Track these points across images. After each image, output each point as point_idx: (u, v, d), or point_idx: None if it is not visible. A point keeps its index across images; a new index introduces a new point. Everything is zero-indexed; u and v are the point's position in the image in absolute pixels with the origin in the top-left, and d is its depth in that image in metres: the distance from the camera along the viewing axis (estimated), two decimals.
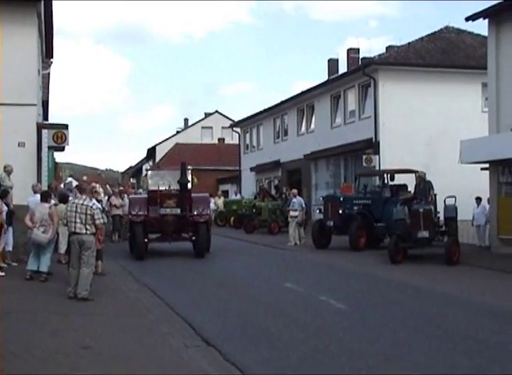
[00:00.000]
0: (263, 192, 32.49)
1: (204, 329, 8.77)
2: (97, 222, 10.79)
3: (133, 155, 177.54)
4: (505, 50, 19.69)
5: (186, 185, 18.43)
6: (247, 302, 11.08)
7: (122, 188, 29.01)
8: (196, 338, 8.33)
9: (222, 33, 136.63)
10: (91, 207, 10.82)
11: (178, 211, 18.13)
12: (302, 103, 35.28)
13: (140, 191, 38.92)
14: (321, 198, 24.91)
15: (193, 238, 18.27)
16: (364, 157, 26.80)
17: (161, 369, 6.80)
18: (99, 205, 13.75)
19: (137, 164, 77.85)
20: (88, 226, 10.71)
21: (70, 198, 12.87)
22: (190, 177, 19.18)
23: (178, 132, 66.46)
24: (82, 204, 10.81)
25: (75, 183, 27.96)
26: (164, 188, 18.76)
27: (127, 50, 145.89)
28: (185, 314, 9.79)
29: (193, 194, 18.91)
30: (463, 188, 21.64)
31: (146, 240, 18.22)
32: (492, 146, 18.87)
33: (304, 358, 7.37)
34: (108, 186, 30.68)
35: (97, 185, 22.73)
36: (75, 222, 10.69)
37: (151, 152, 64.15)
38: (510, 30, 19.44)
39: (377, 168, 26.31)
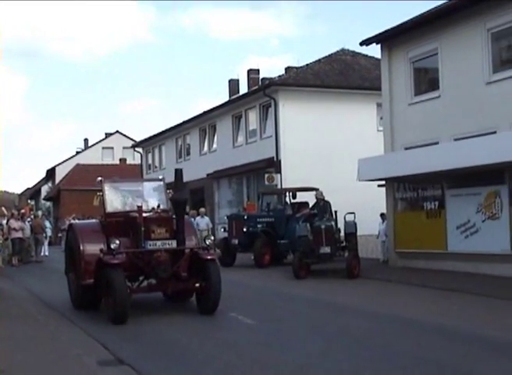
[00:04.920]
0: None
1: (117, 349, 8.90)
2: None
3: (31, 176, 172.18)
4: (397, 72, 20.78)
5: (185, 204, 12.54)
6: (159, 321, 11.22)
7: (23, 211, 28.42)
8: (110, 358, 8.46)
9: (123, 52, 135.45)
10: None
11: (173, 244, 11.73)
12: (204, 123, 35.69)
13: (39, 213, 38.07)
14: (225, 217, 25.31)
15: (198, 285, 11.69)
16: (266, 176, 27.42)
17: None
18: None
19: (35, 185, 76.01)
20: None
21: None
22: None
23: (78, 152, 65.51)
24: None
25: None
26: (144, 208, 12.23)
27: (24, 67, 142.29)
28: (97, 336, 9.87)
29: None
30: (363, 204, 22.63)
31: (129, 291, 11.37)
32: (388, 164, 19.79)
33: (218, 373, 7.64)
34: (3, 208, 29.97)
35: None
36: None
37: (51, 173, 62.89)
38: (402, 53, 20.54)
39: (279, 186, 26.98)
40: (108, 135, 64.97)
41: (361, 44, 21.48)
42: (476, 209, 17.37)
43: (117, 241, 11.12)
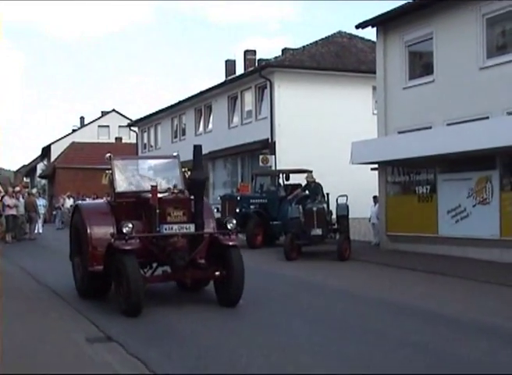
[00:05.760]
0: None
1: (106, 326, 9.03)
2: None
3: (26, 154, 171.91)
4: (392, 56, 20.80)
5: (204, 184, 11.27)
6: (148, 301, 11.34)
7: (18, 188, 28.47)
8: (99, 334, 8.59)
9: (121, 33, 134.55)
10: None
11: (191, 228, 10.62)
12: (200, 103, 35.67)
13: (33, 190, 38.10)
14: (218, 198, 25.40)
15: (219, 274, 10.58)
16: (261, 157, 27.49)
17: (66, 365, 7.04)
18: None
19: (31, 163, 75.98)
20: None
21: None
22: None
23: (74, 130, 65.36)
24: None
25: None
26: (159, 188, 10.95)
27: (23, 45, 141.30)
28: (87, 313, 10.00)
29: None
30: (357, 187, 22.75)
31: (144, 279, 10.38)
32: (381, 148, 19.89)
33: (205, 351, 7.77)
34: None
35: None
36: None
37: (46, 151, 62.85)
38: (397, 37, 20.56)
39: (273, 168, 27.07)
40: (104, 114, 64.85)
41: (357, 27, 21.48)
42: (467, 194, 17.52)
43: (130, 225, 9.99)
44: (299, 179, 22.15)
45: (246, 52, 38.49)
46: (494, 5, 17.25)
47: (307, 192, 19.73)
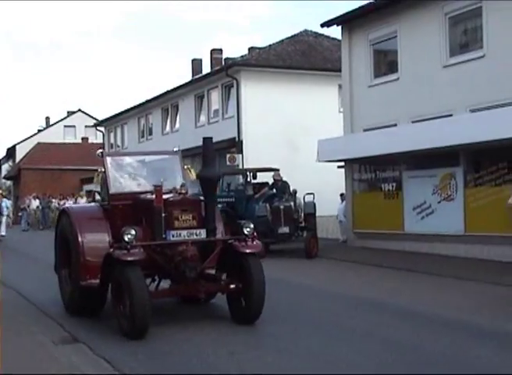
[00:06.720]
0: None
1: (72, 326, 8.98)
2: None
3: None
4: (357, 54, 20.97)
5: (215, 182, 9.91)
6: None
7: None
8: (65, 336, 8.54)
9: (87, 32, 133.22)
10: None
11: (202, 234, 9.31)
12: (167, 102, 35.57)
13: None
14: None
15: (234, 287, 9.23)
16: (228, 156, 27.48)
17: (33, 366, 7.00)
18: None
19: None
20: None
21: None
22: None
23: (39, 131, 64.71)
24: None
25: None
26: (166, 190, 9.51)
27: None
28: (54, 315, 9.93)
29: None
30: (324, 185, 22.83)
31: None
32: (347, 145, 20.04)
33: (170, 349, 7.77)
34: None
35: None
36: None
37: (11, 152, 62.15)
38: (362, 36, 20.73)
39: (241, 166, 27.08)
40: (70, 113, 64.31)
41: (322, 25, 21.60)
42: (432, 191, 17.72)
43: (133, 231, 8.51)
44: (266, 177, 22.19)
45: (212, 51, 38.45)
46: (457, 4, 17.48)
47: (274, 191, 19.78)
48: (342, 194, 22.06)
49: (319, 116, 27.99)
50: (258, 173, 22.54)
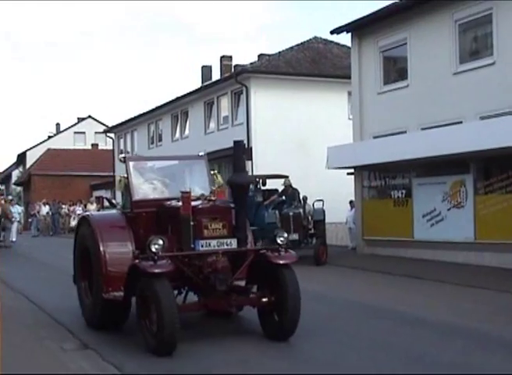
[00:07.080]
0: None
1: (82, 333, 8.98)
2: None
3: (1, 161, 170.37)
4: (366, 61, 20.98)
5: (247, 189, 9.52)
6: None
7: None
8: (75, 342, 8.55)
9: (96, 37, 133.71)
10: None
11: (233, 244, 8.66)
12: (176, 109, 35.63)
13: (9, 197, 37.64)
14: None
15: (266, 300, 8.64)
16: None
17: (40, 371, 6.99)
18: None
19: (6, 170, 75.30)
20: None
21: None
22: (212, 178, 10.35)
23: (50, 137, 64.93)
24: None
25: None
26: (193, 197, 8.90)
27: None
28: (63, 320, 9.94)
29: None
30: (334, 192, 22.81)
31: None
32: (357, 152, 20.02)
33: (187, 363, 7.57)
34: None
35: None
36: None
37: (22, 158, 62.38)
38: (371, 43, 20.75)
39: (250, 173, 27.08)
40: (80, 120, 64.50)
41: (332, 32, 21.64)
42: (442, 198, 17.68)
43: (160, 241, 7.97)
44: (276, 184, 22.19)
45: (222, 58, 38.52)
46: (467, 11, 17.47)
47: (283, 197, 19.78)
48: (351, 201, 22.02)
49: (328, 123, 27.97)
50: (268, 180, 22.60)
